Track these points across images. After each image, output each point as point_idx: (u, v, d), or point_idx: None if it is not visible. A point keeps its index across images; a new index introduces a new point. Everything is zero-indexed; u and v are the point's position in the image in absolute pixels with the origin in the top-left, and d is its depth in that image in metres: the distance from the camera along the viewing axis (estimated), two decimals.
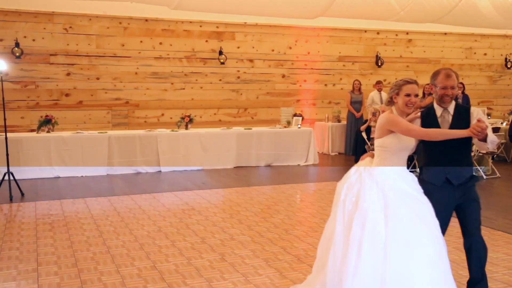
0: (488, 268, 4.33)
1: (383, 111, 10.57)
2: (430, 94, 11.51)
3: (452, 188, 3.47)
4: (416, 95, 3.39)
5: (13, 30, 10.13)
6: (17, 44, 10.04)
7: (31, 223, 5.77)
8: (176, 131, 9.75)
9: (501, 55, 14.48)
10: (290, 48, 12.39)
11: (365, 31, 13.05)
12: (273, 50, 12.22)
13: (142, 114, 11.22)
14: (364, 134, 9.69)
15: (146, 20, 11.13)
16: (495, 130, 9.92)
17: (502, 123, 11.55)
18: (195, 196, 7.28)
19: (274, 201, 6.77)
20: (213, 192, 7.59)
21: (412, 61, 13.60)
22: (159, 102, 11.33)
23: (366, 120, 9.92)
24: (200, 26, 11.56)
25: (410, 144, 3.39)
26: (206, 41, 11.63)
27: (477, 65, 14.31)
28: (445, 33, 13.72)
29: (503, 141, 10.09)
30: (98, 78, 10.83)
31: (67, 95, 10.61)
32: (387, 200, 3.21)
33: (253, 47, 12.02)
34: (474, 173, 3.56)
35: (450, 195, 3.48)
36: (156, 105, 11.30)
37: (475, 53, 14.25)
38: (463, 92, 11.87)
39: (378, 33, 13.17)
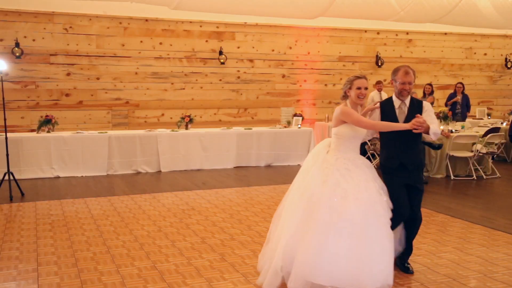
0: (488, 268, 4.34)
1: None
2: (431, 94, 11.53)
3: (406, 171, 4.10)
4: (366, 88, 3.94)
5: (13, 30, 10.13)
6: (17, 44, 10.04)
7: (31, 223, 5.77)
8: (176, 131, 9.76)
9: (501, 55, 14.47)
10: (290, 48, 12.38)
11: (365, 31, 13.04)
12: (273, 50, 12.22)
13: (142, 114, 11.22)
14: None
15: (146, 20, 11.13)
16: (495, 130, 9.92)
17: (502, 123, 11.54)
18: (195, 196, 7.28)
19: (274, 201, 6.77)
20: (213, 192, 7.59)
21: (412, 61, 13.58)
22: (159, 102, 11.33)
23: None
24: (200, 26, 11.56)
25: (361, 133, 3.98)
26: (206, 41, 11.63)
27: (477, 65, 14.30)
28: (445, 33, 13.71)
29: (503, 141, 10.07)
30: (98, 78, 10.83)
31: (67, 95, 10.61)
32: (345, 184, 3.74)
33: (253, 47, 12.02)
34: (423, 162, 4.12)
35: (403, 176, 4.09)
36: (156, 105, 11.30)
37: (475, 53, 14.24)
38: (462, 92, 11.88)
39: (378, 33, 13.17)
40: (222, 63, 11.68)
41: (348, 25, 12.58)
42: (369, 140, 9.49)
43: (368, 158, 9.79)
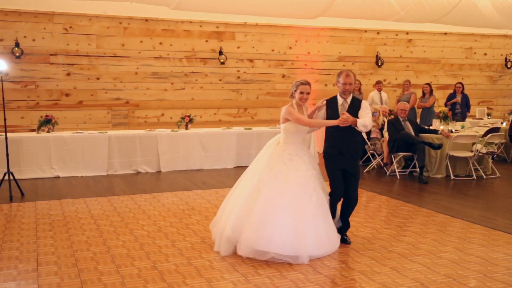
0: (488, 268, 4.34)
1: (383, 112, 10.60)
2: (430, 93, 11.53)
3: (343, 157, 4.89)
4: (308, 93, 4.77)
5: (13, 30, 10.13)
6: (17, 44, 10.04)
7: (31, 223, 5.77)
8: (176, 131, 9.76)
9: (501, 55, 14.48)
10: (290, 48, 12.39)
11: (365, 31, 13.05)
12: (273, 50, 12.22)
13: (142, 114, 11.22)
14: (364, 134, 9.68)
15: (146, 20, 11.14)
16: (495, 130, 9.92)
17: (502, 123, 11.54)
18: (195, 196, 7.29)
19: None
20: (213, 192, 7.59)
21: (412, 61, 13.60)
22: (159, 102, 11.33)
23: None
24: (200, 26, 11.56)
25: (303, 128, 4.81)
26: (206, 41, 11.63)
27: (477, 65, 14.30)
28: (445, 33, 13.72)
29: (503, 141, 10.08)
30: (98, 78, 10.83)
31: (67, 95, 10.61)
32: (287, 171, 4.58)
33: (253, 47, 12.03)
34: (360, 150, 5.18)
35: (341, 162, 4.90)
36: (156, 105, 11.30)
37: (475, 53, 14.24)
38: (462, 92, 11.88)
39: (378, 33, 13.17)
40: (222, 63, 11.69)
41: (348, 25, 12.59)
42: (369, 140, 9.53)
43: (368, 158, 9.79)
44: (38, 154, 8.73)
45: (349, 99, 4.91)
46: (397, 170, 8.90)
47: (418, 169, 8.66)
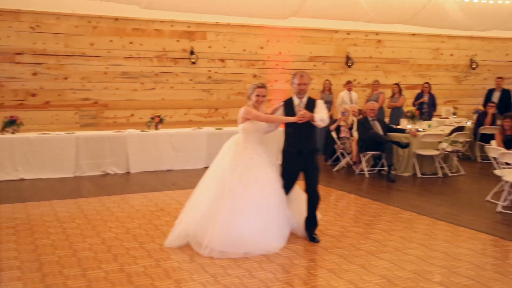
0: (452, 263, 4.44)
1: (353, 111, 10.70)
2: (399, 93, 11.73)
3: (302, 155, 5.06)
4: (264, 96, 5.05)
5: None
6: None
7: None
8: (146, 131, 9.65)
9: (467, 56, 14.81)
10: (262, 48, 12.41)
11: (336, 32, 13.17)
12: (244, 50, 12.22)
13: (111, 115, 11.07)
14: (334, 134, 9.78)
15: (116, 19, 10.98)
16: (460, 129, 10.16)
17: (467, 122, 11.82)
18: (164, 197, 7.23)
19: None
20: (183, 193, 7.52)
21: (382, 61, 13.79)
22: (129, 102, 11.20)
23: (336, 120, 10.01)
24: (171, 25, 11.47)
25: (262, 127, 5.03)
26: (177, 40, 11.55)
27: (444, 65, 14.60)
28: (414, 34, 13.95)
29: (468, 139, 10.33)
30: (66, 78, 10.63)
31: (33, 95, 10.38)
32: (249, 171, 4.77)
33: (225, 47, 12.00)
34: (317, 148, 5.27)
35: (300, 160, 5.07)
36: (125, 105, 11.16)
37: (442, 53, 14.53)
38: (429, 92, 12.11)
39: (348, 33, 13.31)
40: (193, 63, 11.62)
41: (319, 26, 12.68)
42: (338, 140, 9.63)
43: (337, 157, 9.89)
44: (2, 156, 8.49)
45: (304, 99, 5.15)
46: (365, 169, 9.02)
47: (386, 168, 8.79)
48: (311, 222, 5.20)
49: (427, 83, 12.33)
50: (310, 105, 5.11)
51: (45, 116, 10.45)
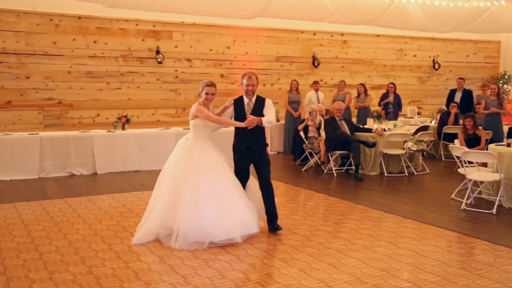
0: (419, 260, 4.54)
1: (320, 111, 10.79)
2: (365, 93, 11.90)
3: (252, 151, 5.36)
4: (213, 94, 5.21)
5: None
6: None
7: None
8: (113, 132, 9.50)
9: (429, 56, 15.19)
10: (229, 48, 12.40)
11: (302, 32, 13.28)
12: (211, 50, 12.18)
13: (76, 115, 10.84)
14: (302, 133, 9.86)
15: (79, 18, 10.77)
16: (425, 128, 10.40)
17: (431, 122, 12.12)
18: (132, 198, 7.13)
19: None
20: (151, 194, 7.40)
21: (347, 61, 13.98)
22: (94, 102, 11.00)
23: (304, 120, 10.09)
24: (136, 24, 11.33)
25: (211, 125, 5.22)
26: (143, 40, 11.41)
27: (408, 66, 14.93)
28: (378, 35, 14.21)
29: (432, 138, 10.58)
30: (28, 77, 10.36)
31: None
32: (201, 163, 4.99)
33: (191, 47, 11.93)
34: (266, 142, 5.54)
35: (250, 155, 5.37)
36: (91, 105, 10.96)
37: (405, 54, 14.86)
38: (394, 92, 12.36)
39: (314, 34, 13.44)
40: (160, 63, 11.52)
41: (285, 26, 12.76)
42: (306, 139, 9.71)
43: (306, 157, 9.97)
44: None
45: (253, 99, 5.39)
46: (333, 168, 9.12)
47: (353, 167, 8.92)
48: (272, 212, 5.45)
49: (392, 83, 12.57)
50: (259, 105, 5.37)
51: (6, 116, 10.15)
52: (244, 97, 5.42)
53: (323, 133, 9.38)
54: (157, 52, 11.46)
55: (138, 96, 11.42)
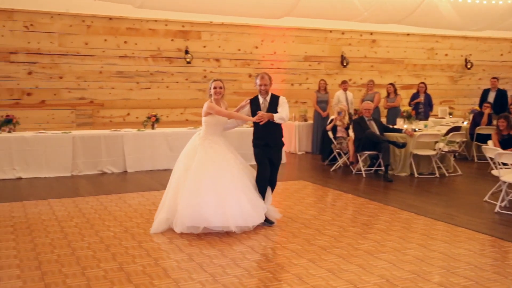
0: (450, 263, 4.46)
1: (347, 111, 10.67)
2: (395, 93, 11.76)
3: (269, 148, 5.66)
4: (221, 87, 5.52)
5: None
6: None
7: None
8: (142, 131, 9.63)
9: (461, 55, 14.89)
10: (257, 47, 12.41)
11: (330, 31, 13.20)
12: (239, 50, 12.22)
13: (107, 114, 11.04)
14: (330, 133, 9.79)
15: (110, 19, 10.95)
16: (457, 129, 10.20)
17: (463, 122, 11.88)
18: (162, 196, 7.15)
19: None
20: None
21: (377, 61, 13.83)
22: (125, 102, 11.17)
23: (331, 120, 10.02)
24: (166, 25, 11.46)
25: (222, 121, 5.57)
26: (172, 40, 11.53)
27: (439, 65, 14.67)
28: (408, 34, 14.01)
29: (464, 139, 10.37)
30: (61, 77, 10.59)
31: (28, 94, 10.33)
32: (207, 157, 5.36)
33: (220, 47, 12.00)
34: (282, 142, 5.84)
35: (267, 151, 5.66)
36: (121, 104, 11.14)
37: (436, 53, 14.60)
38: (425, 92, 12.16)
39: (343, 33, 13.34)
40: (188, 63, 11.62)
41: (313, 25, 12.71)
42: (335, 140, 9.64)
43: (334, 157, 9.90)
44: None
45: (268, 98, 5.64)
46: (362, 169, 9.04)
47: (383, 168, 8.81)
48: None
49: (422, 83, 12.37)
50: (274, 103, 5.62)
51: (41, 115, 10.41)
52: (259, 96, 5.67)
53: (351, 133, 9.29)
54: (186, 52, 11.56)
55: (167, 96, 11.55)
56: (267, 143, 5.64)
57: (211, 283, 3.98)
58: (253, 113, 5.59)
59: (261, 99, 5.65)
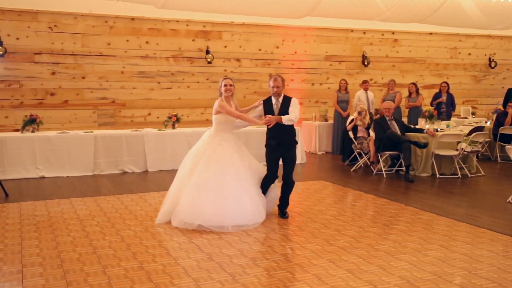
0: (472, 265, 4.39)
1: (368, 111, 10.58)
2: (417, 93, 11.63)
3: (282, 147, 5.81)
4: (231, 85, 5.80)
5: None
6: (0, 43, 9.92)
7: (16, 224, 5.71)
8: (163, 130, 9.71)
9: (485, 55, 14.65)
10: (277, 47, 12.40)
11: (352, 31, 13.11)
12: (260, 50, 12.23)
13: (129, 114, 11.16)
14: (350, 133, 9.73)
15: (132, 19, 11.07)
16: (480, 129, 10.04)
17: (486, 122, 11.69)
18: None
19: None
20: None
21: (398, 60, 13.69)
22: (146, 102, 11.28)
23: (352, 120, 9.95)
24: (187, 25, 11.53)
25: (231, 119, 5.79)
26: (193, 40, 11.60)
27: (462, 64, 14.46)
28: (430, 33, 13.84)
29: (487, 140, 10.21)
30: (83, 77, 10.74)
31: (52, 94, 10.51)
32: (215, 155, 5.57)
33: (240, 47, 12.02)
34: (296, 140, 5.92)
35: (279, 151, 5.83)
36: (142, 104, 11.25)
37: (459, 53, 14.39)
38: (447, 91, 12.00)
39: (364, 32, 13.24)
40: (209, 62, 11.66)
41: (334, 25, 12.64)
42: (355, 140, 9.57)
43: (355, 157, 9.84)
44: (22, 154, 8.63)
45: (280, 99, 5.83)
46: (383, 169, 8.96)
47: (404, 168, 8.72)
48: (284, 202, 6.04)
49: (445, 82, 12.21)
50: (286, 104, 5.80)
51: (63, 115, 10.58)
52: (272, 97, 5.87)
53: (372, 133, 9.22)
54: (207, 52, 11.62)
55: (188, 96, 11.62)
56: (279, 142, 5.79)
57: (231, 283, 3.99)
58: (267, 113, 5.81)
59: (273, 100, 5.84)
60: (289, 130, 5.84)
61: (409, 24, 11.99)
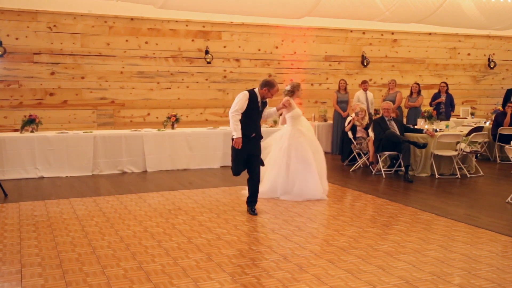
0: (472, 265, 4.40)
1: (367, 111, 10.56)
2: (418, 93, 11.63)
3: (256, 140, 6.36)
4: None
5: None
6: (0, 43, 9.91)
7: (15, 224, 5.70)
8: (162, 130, 9.71)
9: (484, 55, 14.66)
10: (277, 47, 12.40)
11: (351, 31, 13.11)
12: (259, 50, 12.23)
13: (128, 114, 11.15)
14: (350, 134, 9.73)
15: (132, 19, 11.06)
16: (479, 129, 10.05)
17: (485, 122, 11.69)
18: (181, 196, 7.26)
19: (260, 201, 6.76)
20: (199, 192, 7.57)
21: (398, 61, 13.70)
22: (145, 102, 11.27)
23: (350, 120, 9.95)
24: (186, 25, 11.52)
25: (297, 113, 7.18)
26: (192, 40, 11.59)
27: (461, 65, 14.46)
28: (430, 33, 13.84)
29: (486, 140, 10.21)
30: (83, 78, 10.74)
31: (51, 94, 10.50)
32: (293, 147, 6.95)
33: (240, 47, 12.02)
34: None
35: (255, 143, 6.34)
36: (142, 104, 11.24)
37: (459, 53, 14.40)
38: (446, 92, 12.00)
39: (363, 33, 13.24)
40: (208, 63, 11.66)
41: (334, 25, 12.64)
42: (354, 140, 9.58)
43: (354, 157, 9.84)
44: (21, 154, 8.62)
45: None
46: (382, 169, 8.96)
47: (403, 168, 8.73)
48: (253, 199, 6.35)
49: (444, 82, 12.21)
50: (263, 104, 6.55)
51: (63, 115, 10.57)
52: (257, 94, 6.43)
53: (371, 134, 9.22)
54: (206, 52, 11.61)
55: (187, 96, 11.62)
56: (256, 134, 6.42)
57: (230, 283, 3.99)
58: (252, 105, 6.27)
59: (259, 98, 6.42)
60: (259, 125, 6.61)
61: (408, 24, 12.00)
